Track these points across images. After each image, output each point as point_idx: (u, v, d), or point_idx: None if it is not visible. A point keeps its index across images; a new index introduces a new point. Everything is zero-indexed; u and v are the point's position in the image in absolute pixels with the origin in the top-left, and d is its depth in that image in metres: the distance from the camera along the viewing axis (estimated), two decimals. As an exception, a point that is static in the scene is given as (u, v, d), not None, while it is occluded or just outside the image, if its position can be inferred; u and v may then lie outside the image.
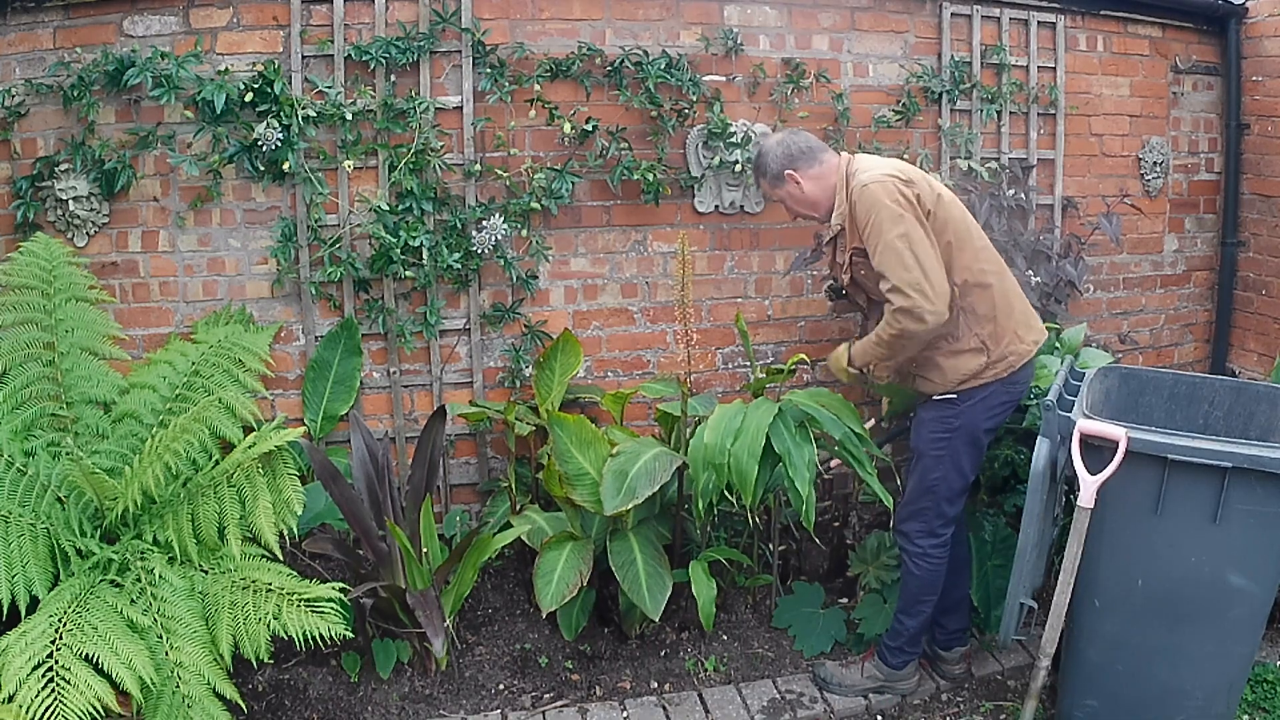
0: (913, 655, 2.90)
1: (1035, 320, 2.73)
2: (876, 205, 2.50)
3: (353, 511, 2.90)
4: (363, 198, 3.29)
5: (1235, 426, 2.78)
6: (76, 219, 3.16)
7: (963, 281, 2.57)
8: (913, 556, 2.78)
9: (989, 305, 2.59)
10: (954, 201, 2.64)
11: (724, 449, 2.73)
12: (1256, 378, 4.13)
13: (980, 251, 2.61)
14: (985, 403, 2.64)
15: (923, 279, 2.45)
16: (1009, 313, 2.63)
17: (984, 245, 2.65)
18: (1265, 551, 2.35)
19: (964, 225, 2.61)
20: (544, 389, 3.42)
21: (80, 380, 2.90)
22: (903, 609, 2.85)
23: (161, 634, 2.29)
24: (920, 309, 2.45)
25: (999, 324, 2.61)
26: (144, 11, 3.14)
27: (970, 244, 2.59)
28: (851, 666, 2.95)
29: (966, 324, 2.60)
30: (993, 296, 2.60)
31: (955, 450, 2.67)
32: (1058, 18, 3.97)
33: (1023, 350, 2.64)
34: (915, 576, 2.79)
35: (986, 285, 2.59)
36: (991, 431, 2.74)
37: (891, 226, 2.47)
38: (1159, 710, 2.54)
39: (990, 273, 2.61)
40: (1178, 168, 4.33)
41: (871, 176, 2.56)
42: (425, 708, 2.83)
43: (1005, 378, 2.64)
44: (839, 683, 2.92)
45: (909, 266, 2.45)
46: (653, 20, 3.49)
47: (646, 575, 2.88)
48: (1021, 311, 2.69)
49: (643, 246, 3.62)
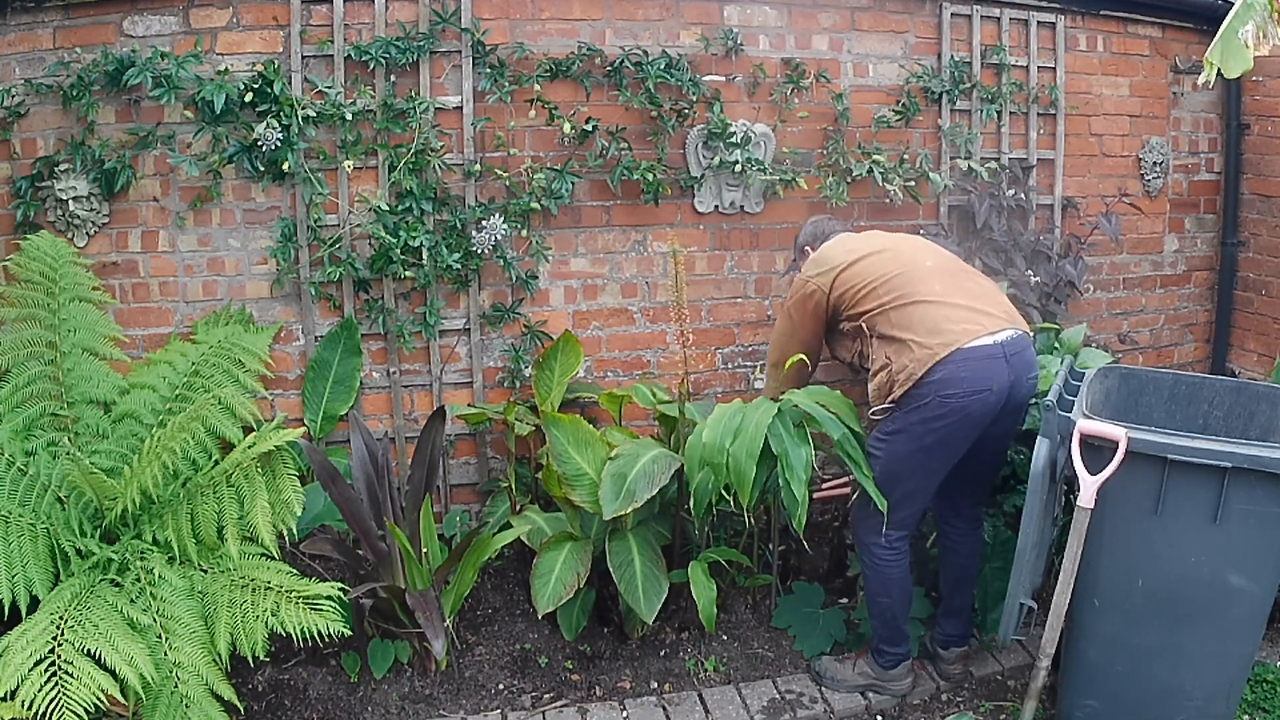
0: (898, 657, 2.90)
1: (954, 324, 2.62)
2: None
3: (352, 512, 2.90)
4: (362, 198, 3.30)
5: (1235, 426, 2.78)
6: (76, 219, 3.16)
7: (869, 316, 2.73)
8: (861, 554, 2.87)
9: (890, 326, 2.68)
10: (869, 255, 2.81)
11: (722, 448, 2.73)
12: (1256, 378, 4.13)
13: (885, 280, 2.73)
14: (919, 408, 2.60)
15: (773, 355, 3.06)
16: (907, 327, 2.66)
17: (897, 273, 2.74)
18: (1265, 551, 2.35)
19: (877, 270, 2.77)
20: (544, 389, 3.42)
21: (81, 380, 2.91)
22: (867, 605, 2.92)
23: (161, 633, 2.29)
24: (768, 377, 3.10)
25: (897, 342, 2.67)
26: (144, 11, 3.14)
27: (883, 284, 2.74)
28: (845, 662, 2.97)
29: (877, 348, 2.72)
30: (890, 318, 2.69)
31: (887, 452, 2.70)
32: (1058, 18, 3.97)
33: (923, 355, 2.59)
34: (865, 574, 2.87)
35: (884, 310, 2.70)
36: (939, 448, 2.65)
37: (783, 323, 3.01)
38: (1159, 710, 2.54)
39: (893, 301, 2.70)
40: (1178, 168, 4.33)
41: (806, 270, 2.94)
42: (425, 708, 2.83)
43: (925, 385, 2.57)
44: (832, 677, 2.95)
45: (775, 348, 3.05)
46: (653, 20, 3.49)
47: (643, 578, 2.87)
48: (931, 321, 2.63)
49: (642, 246, 3.62)
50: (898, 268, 2.75)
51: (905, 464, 2.68)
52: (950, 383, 2.56)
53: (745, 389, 3.80)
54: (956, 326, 2.62)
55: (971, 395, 2.56)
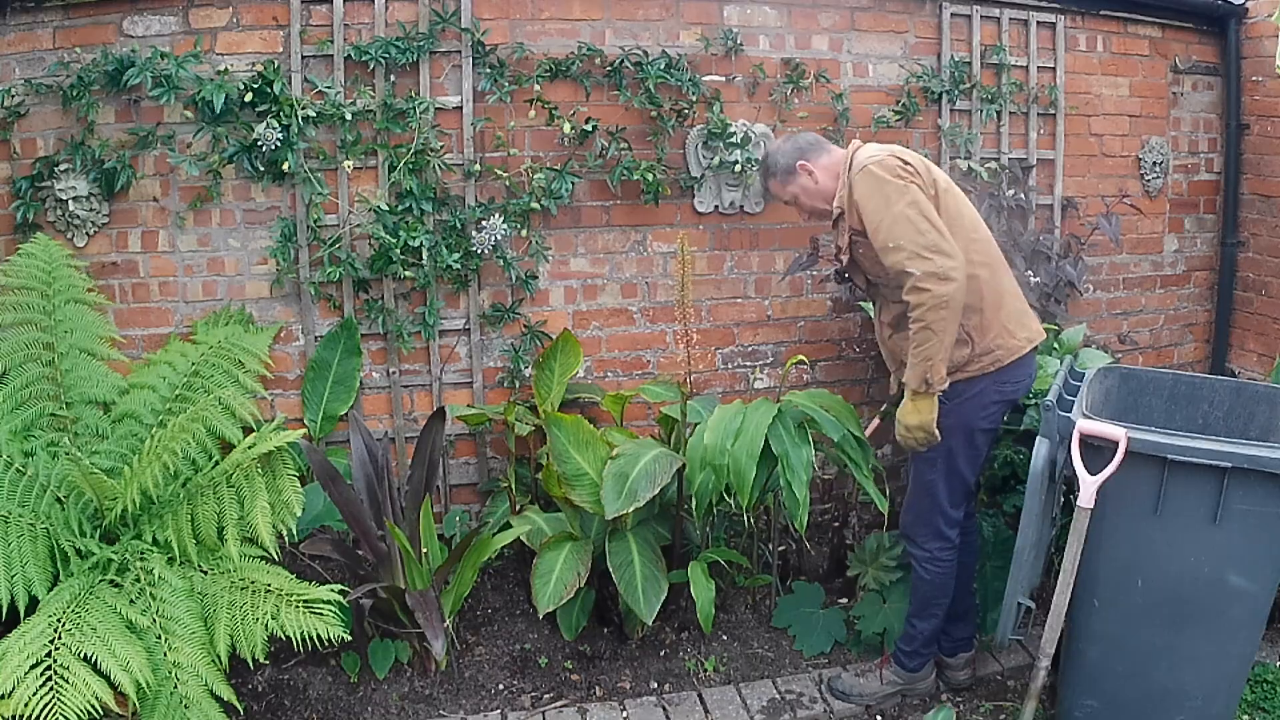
0: (929, 655, 2.86)
1: (1031, 319, 2.67)
2: (879, 181, 2.47)
3: (352, 512, 2.90)
4: (362, 198, 3.29)
5: (1235, 426, 2.78)
6: (76, 219, 3.16)
7: None
8: (920, 561, 2.74)
9: (976, 296, 2.53)
10: (949, 190, 2.60)
11: (724, 450, 2.73)
12: (1256, 378, 4.13)
13: (973, 242, 2.56)
14: (976, 400, 2.57)
15: (939, 239, 2.39)
16: (997, 306, 2.56)
17: (978, 237, 2.59)
18: (1265, 551, 2.35)
19: (957, 213, 2.57)
20: (544, 389, 3.42)
21: (80, 381, 2.91)
22: (915, 613, 2.81)
23: (160, 634, 2.29)
24: (945, 268, 2.37)
25: (985, 316, 2.54)
26: (144, 11, 3.14)
27: (962, 232, 2.53)
28: (869, 675, 2.90)
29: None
30: (980, 287, 2.53)
31: (948, 451, 2.60)
32: (1057, 18, 3.97)
33: (1013, 346, 2.57)
34: (925, 581, 2.74)
35: (974, 276, 2.52)
36: (988, 433, 2.67)
37: (899, 197, 2.43)
38: (1158, 710, 2.54)
39: (980, 264, 2.54)
40: (1178, 168, 4.33)
41: (870, 157, 2.53)
42: (425, 708, 2.83)
43: (994, 373, 2.56)
44: (859, 693, 2.86)
45: (923, 231, 2.40)
46: (653, 20, 3.49)
47: (643, 579, 2.87)
48: (1015, 308, 2.62)
49: (642, 247, 3.62)
50: (983, 229, 2.60)
51: (966, 453, 2.62)
52: (1017, 380, 2.61)
53: (745, 389, 3.80)
54: (1032, 323, 2.65)
55: (1018, 388, 2.63)
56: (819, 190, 2.70)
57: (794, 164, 2.70)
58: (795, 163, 2.70)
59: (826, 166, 2.68)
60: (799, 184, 2.72)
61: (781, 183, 2.76)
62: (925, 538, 2.71)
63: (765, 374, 3.81)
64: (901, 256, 2.42)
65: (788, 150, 2.73)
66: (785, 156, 2.72)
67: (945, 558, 2.71)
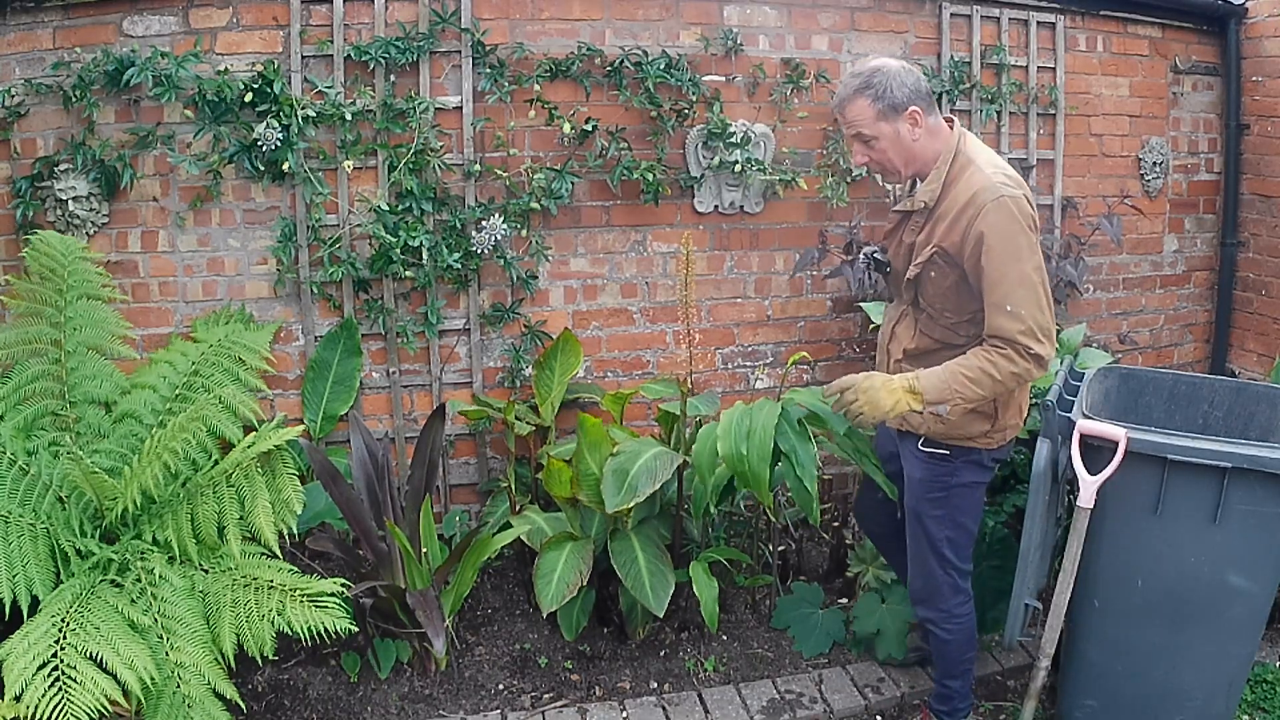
0: (967, 707, 2.69)
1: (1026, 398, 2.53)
2: (1016, 227, 2.14)
3: (352, 511, 2.90)
4: (362, 198, 3.30)
5: (1235, 427, 2.78)
6: (76, 219, 3.16)
7: None
8: (938, 624, 2.57)
9: None
10: None
11: (741, 455, 2.70)
12: (1256, 378, 4.13)
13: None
14: (978, 463, 2.46)
15: (1051, 323, 2.16)
16: (1025, 386, 2.39)
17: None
18: (1265, 551, 2.35)
19: None
20: (544, 389, 3.43)
21: (84, 379, 2.89)
22: (945, 673, 2.64)
23: (162, 634, 2.29)
24: (1048, 357, 2.16)
25: (1014, 394, 2.38)
26: (144, 11, 3.14)
27: None
28: None
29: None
30: None
31: (954, 507, 2.48)
32: (1057, 18, 3.97)
33: (1018, 425, 2.45)
34: (948, 641, 2.58)
35: None
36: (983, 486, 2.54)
37: (1031, 256, 2.15)
38: (1158, 710, 2.54)
39: None
40: (1177, 168, 4.33)
41: (1003, 184, 2.17)
42: (425, 708, 2.83)
43: (997, 448, 2.45)
44: None
45: (1043, 309, 2.14)
46: (652, 20, 3.49)
47: (649, 573, 2.87)
48: (1027, 388, 2.50)
49: (642, 247, 3.62)
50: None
51: (970, 511, 2.53)
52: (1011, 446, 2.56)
53: (745, 389, 3.80)
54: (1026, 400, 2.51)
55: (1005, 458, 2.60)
56: (911, 150, 2.27)
57: (907, 102, 2.22)
58: (910, 103, 2.22)
59: (933, 130, 2.27)
60: (897, 127, 2.25)
61: (880, 111, 2.23)
62: (941, 598, 2.55)
63: (765, 374, 3.81)
64: (1015, 327, 2.14)
65: (908, 84, 2.22)
66: (902, 89, 2.21)
67: (963, 612, 2.56)
